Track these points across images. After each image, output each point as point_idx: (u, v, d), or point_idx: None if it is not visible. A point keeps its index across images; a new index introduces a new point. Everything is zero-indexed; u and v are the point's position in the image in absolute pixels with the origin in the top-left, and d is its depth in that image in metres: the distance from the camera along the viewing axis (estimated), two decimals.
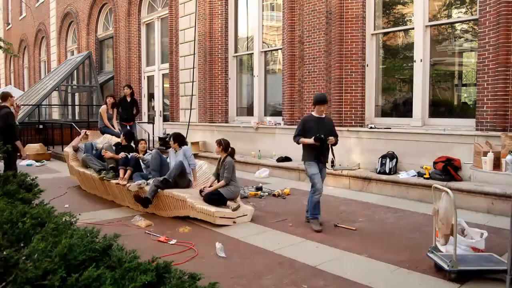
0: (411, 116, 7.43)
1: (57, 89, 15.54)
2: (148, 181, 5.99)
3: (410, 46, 7.76)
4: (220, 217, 5.12)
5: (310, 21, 8.70)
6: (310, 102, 8.78)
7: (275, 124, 9.58)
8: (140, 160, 6.62)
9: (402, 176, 6.74)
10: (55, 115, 18.17)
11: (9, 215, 1.96)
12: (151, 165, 6.39)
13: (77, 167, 7.43)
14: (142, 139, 7.32)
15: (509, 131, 5.91)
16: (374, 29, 8.08)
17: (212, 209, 5.15)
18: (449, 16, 7.55)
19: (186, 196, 5.35)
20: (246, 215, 5.37)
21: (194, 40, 11.62)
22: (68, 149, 8.04)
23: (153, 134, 13.05)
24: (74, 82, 16.40)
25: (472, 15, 6.97)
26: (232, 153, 5.80)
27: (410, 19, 7.81)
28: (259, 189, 7.13)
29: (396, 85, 8.54)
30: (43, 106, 15.35)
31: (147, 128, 13.02)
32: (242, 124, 10.47)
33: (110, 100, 9.11)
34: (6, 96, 6.78)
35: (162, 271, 1.64)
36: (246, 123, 10.32)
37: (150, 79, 14.94)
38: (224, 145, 5.69)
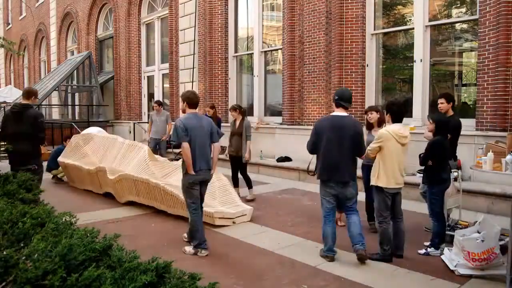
0: (411, 116, 7.41)
1: (57, 89, 15.54)
2: None
3: (410, 46, 7.75)
4: (219, 218, 5.12)
5: (310, 21, 8.69)
6: (310, 102, 8.77)
7: (275, 124, 9.57)
8: None
9: None
10: (55, 115, 18.16)
11: (9, 215, 1.96)
12: None
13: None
14: None
15: (509, 131, 5.91)
16: (374, 29, 8.07)
17: (211, 210, 5.15)
18: (449, 16, 7.54)
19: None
20: (245, 214, 5.37)
21: (194, 40, 11.62)
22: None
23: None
24: (74, 82, 16.39)
25: (472, 15, 6.96)
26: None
27: (410, 19, 7.80)
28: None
29: (396, 85, 8.53)
30: (43, 106, 15.34)
31: (147, 128, 12.97)
32: None
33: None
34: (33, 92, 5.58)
35: (162, 271, 1.64)
36: None
37: (150, 79, 14.93)
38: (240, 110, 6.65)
